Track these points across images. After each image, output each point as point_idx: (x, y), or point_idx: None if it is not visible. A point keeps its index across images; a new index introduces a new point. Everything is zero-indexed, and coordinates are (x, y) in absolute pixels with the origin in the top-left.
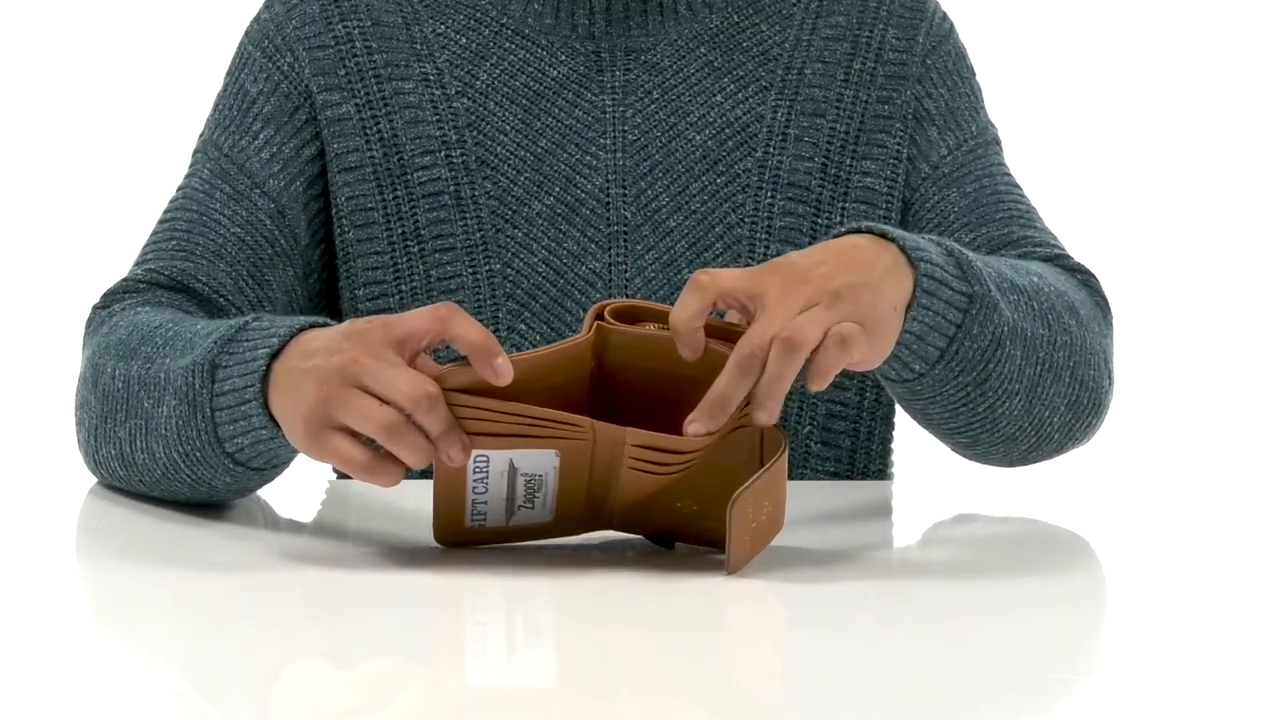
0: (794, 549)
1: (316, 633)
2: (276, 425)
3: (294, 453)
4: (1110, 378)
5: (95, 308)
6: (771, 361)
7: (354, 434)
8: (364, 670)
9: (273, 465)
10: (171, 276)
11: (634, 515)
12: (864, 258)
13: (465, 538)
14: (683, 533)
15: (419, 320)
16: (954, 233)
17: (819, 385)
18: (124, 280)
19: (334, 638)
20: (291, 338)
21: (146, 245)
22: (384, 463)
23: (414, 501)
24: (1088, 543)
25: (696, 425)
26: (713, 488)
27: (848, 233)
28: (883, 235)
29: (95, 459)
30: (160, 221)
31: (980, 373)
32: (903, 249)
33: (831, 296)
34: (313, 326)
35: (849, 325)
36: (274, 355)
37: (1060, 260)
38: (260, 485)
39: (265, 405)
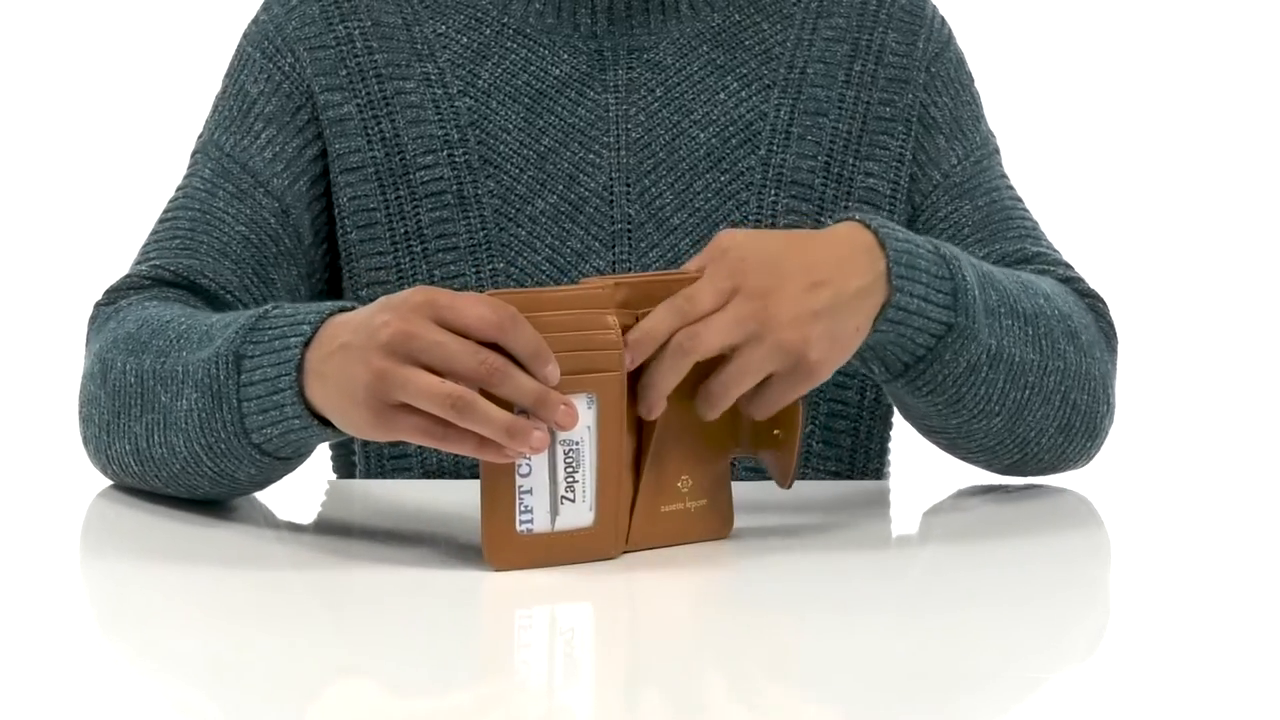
0: (795, 548)
1: (340, 647)
2: (311, 414)
3: (321, 440)
4: (1109, 404)
5: (98, 304)
6: (664, 357)
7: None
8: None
9: (299, 454)
10: (177, 273)
11: (645, 515)
12: (845, 270)
13: (515, 552)
14: (682, 525)
15: (476, 314)
16: (967, 247)
17: (708, 411)
18: (127, 276)
19: (354, 648)
20: (322, 323)
21: (148, 243)
22: (461, 431)
23: (417, 501)
24: (1088, 543)
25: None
26: (700, 455)
27: (851, 221)
28: (881, 245)
29: (107, 455)
30: (160, 220)
31: (953, 394)
32: (889, 272)
33: (765, 319)
34: (341, 311)
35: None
36: (307, 343)
37: (1073, 284)
38: (284, 475)
39: (300, 394)
